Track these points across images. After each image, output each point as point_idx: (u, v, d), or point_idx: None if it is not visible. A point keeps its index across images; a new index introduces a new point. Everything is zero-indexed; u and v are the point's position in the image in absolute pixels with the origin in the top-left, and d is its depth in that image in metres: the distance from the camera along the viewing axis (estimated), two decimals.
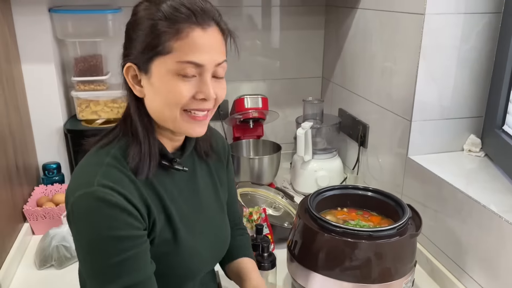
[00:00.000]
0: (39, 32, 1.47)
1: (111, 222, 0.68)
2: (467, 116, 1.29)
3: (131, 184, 0.73)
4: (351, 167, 1.68)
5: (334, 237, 0.98)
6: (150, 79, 0.72)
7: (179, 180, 0.83)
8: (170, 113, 0.73)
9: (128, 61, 0.73)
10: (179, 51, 0.70)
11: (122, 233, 0.69)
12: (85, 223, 0.69)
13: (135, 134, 0.75)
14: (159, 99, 0.73)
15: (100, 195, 0.68)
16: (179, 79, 0.71)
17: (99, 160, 0.73)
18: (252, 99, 1.75)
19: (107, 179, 0.70)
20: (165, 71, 0.71)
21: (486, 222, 1.02)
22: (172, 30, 0.69)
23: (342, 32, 1.71)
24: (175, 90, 0.71)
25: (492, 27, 1.21)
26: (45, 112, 1.55)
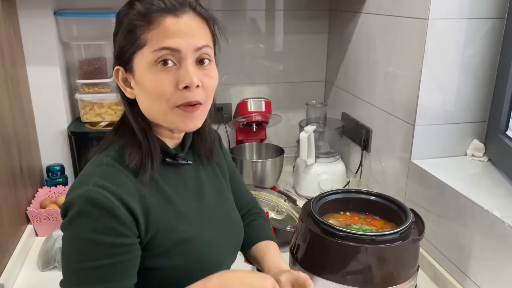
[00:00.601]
0: (44, 35, 1.49)
1: (96, 224, 0.67)
2: (470, 121, 1.29)
3: (130, 184, 0.72)
4: (354, 171, 1.68)
5: (337, 241, 0.98)
6: (135, 76, 0.73)
7: (184, 175, 0.83)
8: (159, 108, 0.73)
9: (116, 64, 0.75)
10: (153, 41, 0.70)
11: (104, 238, 0.67)
12: (73, 224, 0.68)
13: (133, 136, 0.76)
14: (146, 95, 0.73)
15: (92, 195, 0.67)
16: (158, 70, 0.70)
17: (97, 162, 0.74)
18: (255, 103, 1.76)
19: (103, 179, 0.69)
20: (145, 65, 0.71)
21: (489, 227, 1.02)
22: (144, 23, 0.70)
23: (345, 36, 1.72)
24: (156, 82, 0.70)
25: (495, 32, 1.21)
26: (49, 114, 1.56)
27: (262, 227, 1.02)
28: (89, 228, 0.67)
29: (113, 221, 0.67)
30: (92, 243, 0.67)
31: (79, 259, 0.68)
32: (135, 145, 0.75)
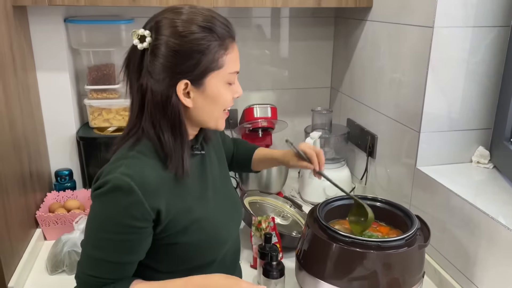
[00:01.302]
0: (55, 42, 1.51)
1: (118, 206, 0.79)
2: (475, 128, 1.30)
3: (154, 174, 0.82)
4: (359, 177, 1.69)
5: (343, 247, 0.99)
6: (204, 91, 0.84)
7: (195, 162, 0.93)
8: (217, 114, 0.89)
9: (183, 79, 0.82)
10: (229, 64, 0.85)
11: (122, 219, 0.79)
12: (100, 199, 0.81)
13: (177, 138, 0.85)
14: (211, 105, 0.86)
15: (117, 182, 0.78)
16: (227, 86, 0.87)
17: (125, 155, 0.84)
18: (261, 109, 1.77)
19: (129, 169, 0.80)
20: (218, 82, 0.85)
21: (494, 234, 1.02)
22: (222, 48, 0.83)
23: (351, 43, 1.73)
24: (225, 96, 0.87)
25: (500, 40, 1.22)
26: (58, 120, 1.58)
27: (246, 147, 1.25)
28: (111, 207, 0.80)
29: (130, 206, 0.79)
30: (110, 219, 0.80)
31: (96, 228, 0.82)
32: (178, 146, 0.85)
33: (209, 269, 0.95)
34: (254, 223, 1.29)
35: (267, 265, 1.10)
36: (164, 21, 0.82)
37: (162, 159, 0.85)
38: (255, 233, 1.28)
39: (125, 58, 0.87)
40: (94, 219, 0.83)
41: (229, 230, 0.99)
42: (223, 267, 0.99)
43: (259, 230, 1.27)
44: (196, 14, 0.82)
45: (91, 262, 0.83)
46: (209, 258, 0.94)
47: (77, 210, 1.44)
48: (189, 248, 0.90)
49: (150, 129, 0.84)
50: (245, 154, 1.24)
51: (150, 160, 0.84)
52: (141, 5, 1.38)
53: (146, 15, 1.71)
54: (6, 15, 1.26)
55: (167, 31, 0.81)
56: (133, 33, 0.82)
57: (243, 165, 1.26)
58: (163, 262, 0.91)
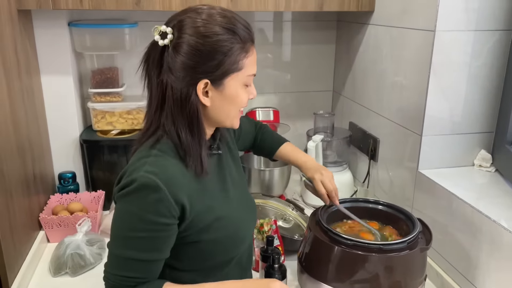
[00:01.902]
0: (59, 45, 1.52)
1: (143, 203, 0.80)
2: (477, 131, 1.30)
3: (178, 172, 0.84)
4: (362, 180, 1.69)
5: (345, 250, 0.99)
6: (223, 91, 0.86)
7: (213, 162, 0.95)
8: (234, 114, 0.91)
9: (203, 78, 0.84)
10: (248, 67, 0.87)
11: (148, 216, 0.80)
12: (126, 198, 0.82)
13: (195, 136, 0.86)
14: (229, 105, 0.88)
15: (143, 180, 0.79)
16: (244, 88, 0.89)
17: (147, 153, 0.85)
18: (264, 112, 1.78)
19: (154, 167, 0.81)
20: (237, 84, 0.87)
21: (496, 237, 1.02)
22: (243, 51, 0.85)
23: (353, 47, 1.74)
24: (242, 97, 0.89)
25: (502, 44, 1.22)
26: (62, 123, 1.59)
27: (273, 137, 1.27)
28: (137, 205, 0.81)
29: (157, 203, 0.80)
30: (137, 217, 0.81)
31: (124, 227, 0.83)
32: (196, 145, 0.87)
33: (226, 268, 0.96)
34: (256, 226, 1.29)
35: (269, 267, 1.10)
36: (187, 20, 0.83)
37: (183, 157, 0.87)
38: (257, 236, 1.29)
39: (144, 53, 0.88)
40: (121, 219, 0.83)
41: (248, 228, 1.02)
42: (240, 267, 1.01)
43: (261, 233, 1.27)
44: (220, 16, 0.84)
45: (120, 262, 0.83)
46: (228, 256, 0.96)
47: (80, 212, 1.45)
48: (211, 246, 0.91)
49: (171, 126, 0.86)
50: (270, 145, 1.26)
51: (172, 158, 0.85)
52: (145, 9, 1.39)
53: (149, 19, 1.73)
54: (10, 19, 1.27)
55: (191, 30, 0.81)
56: (155, 29, 0.83)
57: (264, 153, 1.30)
58: (184, 261, 0.92)
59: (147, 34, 1.70)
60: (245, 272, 1.06)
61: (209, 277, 0.94)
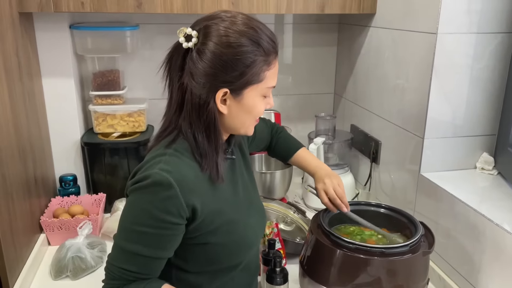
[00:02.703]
0: (60, 48, 1.52)
1: (154, 200, 0.80)
2: (480, 134, 1.30)
3: (191, 172, 0.84)
4: (363, 183, 1.69)
5: (347, 253, 0.98)
6: (241, 101, 0.86)
7: (225, 166, 0.94)
8: (250, 122, 0.91)
9: (223, 87, 0.84)
10: (268, 79, 0.87)
11: (156, 212, 0.80)
12: (137, 192, 0.82)
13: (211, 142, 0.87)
14: (245, 114, 0.88)
15: (157, 177, 0.80)
16: (261, 99, 0.89)
17: (162, 152, 0.86)
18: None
19: (168, 165, 0.82)
20: (256, 95, 0.87)
21: (499, 240, 1.02)
22: (266, 63, 0.85)
23: (354, 49, 1.74)
24: (259, 108, 0.89)
25: (504, 47, 1.22)
26: (63, 125, 1.59)
27: (289, 142, 1.27)
28: (148, 200, 0.81)
29: (167, 201, 0.80)
30: (146, 212, 0.81)
31: (131, 221, 0.83)
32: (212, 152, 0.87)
33: (234, 272, 0.96)
34: None
35: (271, 271, 1.10)
36: (214, 26, 0.82)
37: (198, 159, 0.87)
38: None
39: (167, 53, 0.88)
40: (129, 212, 0.84)
41: (256, 234, 1.02)
42: (248, 272, 1.02)
43: (263, 236, 1.27)
44: (247, 26, 0.83)
45: (122, 255, 0.84)
46: (235, 261, 0.95)
47: (81, 215, 1.44)
48: (218, 249, 0.91)
49: (188, 128, 0.86)
50: (286, 150, 1.26)
51: (186, 159, 0.86)
52: (146, 11, 1.39)
53: (150, 22, 1.73)
54: (12, 22, 1.27)
55: (216, 38, 0.81)
56: (180, 31, 0.83)
57: (279, 157, 1.30)
58: (191, 262, 0.92)
59: (149, 36, 1.71)
60: (252, 279, 1.05)
61: (215, 281, 0.94)
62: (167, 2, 1.39)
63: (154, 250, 0.83)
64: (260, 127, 1.20)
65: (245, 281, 1.01)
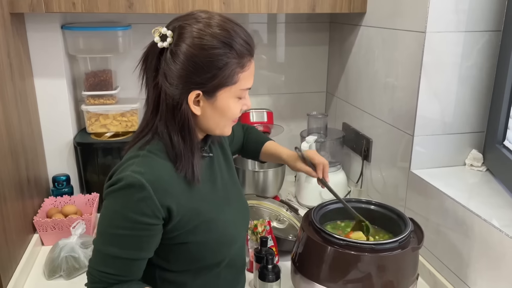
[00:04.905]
0: (52, 48, 1.52)
1: (127, 202, 0.81)
2: (468, 131, 1.32)
3: (164, 173, 0.85)
4: (355, 180, 1.70)
5: (337, 250, 1.00)
6: (214, 103, 0.87)
7: (203, 164, 0.95)
8: (224, 124, 0.91)
9: (196, 89, 0.84)
10: (242, 81, 0.87)
11: (131, 214, 0.81)
12: (111, 196, 0.83)
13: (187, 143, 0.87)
14: (219, 116, 0.89)
15: (129, 179, 0.81)
16: (236, 101, 0.89)
17: (136, 154, 0.87)
18: (258, 113, 1.79)
19: (140, 167, 0.83)
20: (229, 97, 0.87)
21: (487, 236, 1.03)
22: (239, 66, 0.85)
23: (345, 48, 1.75)
24: (234, 110, 0.89)
25: (492, 45, 1.24)
26: (56, 126, 1.59)
27: (258, 136, 1.29)
28: (121, 203, 0.82)
29: (141, 203, 0.81)
30: (120, 215, 0.82)
31: (107, 224, 0.84)
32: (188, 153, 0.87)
33: (218, 268, 0.97)
34: (250, 227, 1.29)
35: (263, 268, 1.11)
36: (187, 28, 0.82)
37: (173, 160, 0.87)
38: (251, 236, 1.29)
39: (143, 53, 0.88)
40: (105, 216, 0.84)
41: (238, 231, 1.01)
42: (233, 268, 1.02)
43: (255, 234, 1.28)
44: (220, 28, 0.83)
45: (100, 258, 0.85)
46: (218, 258, 0.96)
47: (74, 215, 1.45)
48: (199, 247, 0.92)
49: (164, 129, 0.87)
50: (255, 145, 1.27)
51: (160, 159, 0.86)
52: (138, 12, 1.39)
53: (143, 22, 1.73)
54: (3, 22, 1.27)
55: (189, 40, 0.81)
56: (155, 30, 0.84)
57: (251, 155, 1.30)
58: (173, 262, 0.92)
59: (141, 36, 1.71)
60: (239, 275, 1.06)
61: (199, 278, 0.95)
62: (158, 2, 1.39)
63: (131, 252, 0.84)
64: (235, 127, 1.21)
65: (231, 277, 1.02)
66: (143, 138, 0.89)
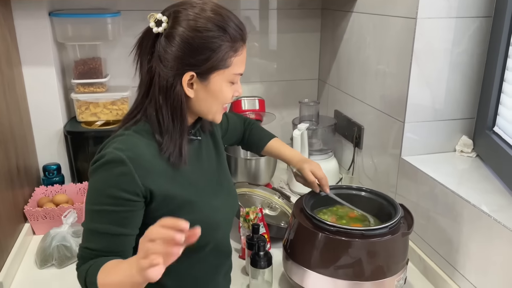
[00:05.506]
0: (40, 36, 1.50)
1: (108, 179, 0.82)
2: (459, 117, 1.32)
3: (147, 152, 0.86)
4: (347, 167, 1.71)
5: (328, 236, 1.00)
6: (207, 86, 0.88)
7: (189, 148, 0.95)
8: (216, 108, 0.92)
9: (190, 71, 0.86)
10: (235, 65, 0.89)
11: (112, 190, 0.82)
12: (94, 174, 0.85)
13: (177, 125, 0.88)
14: (212, 100, 0.90)
15: (110, 156, 0.82)
16: (229, 85, 0.91)
17: (120, 133, 0.88)
18: (249, 101, 1.78)
19: (122, 145, 0.84)
20: (222, 80, 0.89)
21: (476, 221, 1.05)
22: (232, 50, 0.87)
23: (337, 35, 1.74)
24: (226, 94, 0.91)
25: (483, 31, 1.24)
26: (45, 114, 1.57)
27: (261, 133, 1.30)
28: (102, 179, 0.83)
29: (121, 178, 0.82)
30: (101, 191, 0.83)
31: (91, 202, 0.85)
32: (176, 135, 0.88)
33: (202, 252, 0.97)
34: (242, 214, 1.30)
35: (255, 255, 1.12)
36: (183, 12, 0.85)
37: (158, 141, 0.88)
38: (243, 224, 1.30)
39: (138, 38, 0.90)
40: (89, 194, 0.86)
41: (224, 216, 1.02)
42: (218, 254, 1.02)
43: (247, 221, 1.28)
44: (214, 12, 0.85)
45: (85, 235, 0.86)
46: (201, 242, 0.93)
47: (66, 204, 1.44)
48: None
49: (152, 111, 0.88)
50: (258, 141, 1.29)
51: (145, 139, 0.87)
52: None
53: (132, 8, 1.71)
54: None
55: (184, 23, 0.84)
56: (151, 16, 0.85)
57: (252, 149, 1.33)
58: None
59: (130, 23, 1.69)
60: (224, 261, 1.06)
61: (182, 262, 0.94)
62: None
63: (112, 227, 0.84)
64: (232, 118, 1.25)
65: (216, 262, 1.02)
66: (131, 120, 0.90)
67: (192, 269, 0.98)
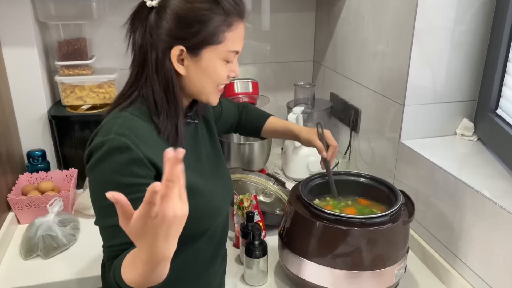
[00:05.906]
0: (20, 15, 1.42)
1: (116, 167, 0.77)
2: (460, 100, 1.27)
3: (147, 134, 0.82)
4: (343, 152, 1.66)
5: (326, 225, 0.96)
6: (199, 62, 0.84)
7: (187, 133, 0.92)
8: (210, 88, 0.88)
9: (179, 44, 0.81)
10: (229, 41, 0.84)
11: (122, 179, 0.77)
12: (97, 167, 0.78)
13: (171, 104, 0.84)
14: (204, 78, 0.86)
15: (114, 142, 0.77)
16: (223, 63, 0.86)
17: (117, 115, 0.83)
18: (242, 84, 1.72)
19: (123, 128, 0.79)
20: (216, 57, 0.84)
21: (478, 207, 1.01)
22: (225, 24, 0.82)
23: (333, 14, 1.67)
24: (220, 72, 0.86)
25: (486, 9, 1.18)
26: (28, 98, 1.50)
27: (257, 114, 1.27)
28: (110, 170, 0.77)
29: (132, 164, 0.77)
30: (112, 183, 0.77)
31: (101, 197, 0.75)
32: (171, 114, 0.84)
33: (200, 240, 0.94)
34: (236, 201, 1.25)
35: (250, 244, 1.08)
36: None
37: (156, 122, 0.84)
38: (237, 212, 1.25)
39: (131, 13, 0.86)
40: (97, 190, 0.79)
41: (223, 201, 1.00)
42: (213, 242, 0.99)
43: (241, 209, 1.24)
44: None
45: (105, 234, 0.80)
46: (201, 228, 0.93)
47: (51, 192, 1.38)
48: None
49: (149, 90, 0.84)
50: (257, 122, 1.25)
51: (143, 122, 0.83)
52: None
53: None
54: None
55: None
56: None
57: (251, 132, 1.29)
58: None
59: (116, 2, 1.61)
60: (218, 248, 1.03)
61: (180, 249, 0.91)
62: None
63: None
64: (225, 103, 1.21)
65: (211, 250, 0.99)
66: (126, 100, 0.85)
67: (190, 257, 0.94)
